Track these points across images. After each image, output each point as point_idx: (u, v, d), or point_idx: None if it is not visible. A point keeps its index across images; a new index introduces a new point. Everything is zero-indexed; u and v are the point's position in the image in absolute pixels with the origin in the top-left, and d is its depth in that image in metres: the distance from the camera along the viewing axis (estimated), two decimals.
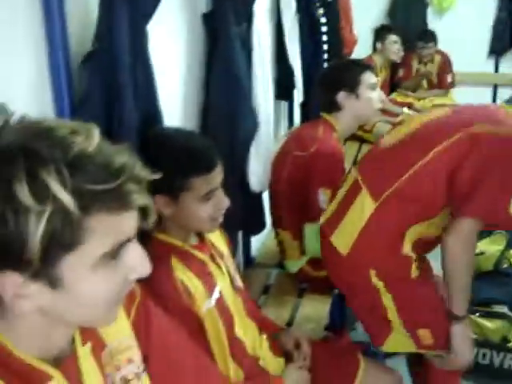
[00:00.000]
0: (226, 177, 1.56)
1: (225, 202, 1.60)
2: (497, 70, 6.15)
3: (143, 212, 0.90)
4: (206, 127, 2.10)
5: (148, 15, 1.57)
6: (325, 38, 3.75)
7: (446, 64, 5.70)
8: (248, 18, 2.31)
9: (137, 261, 0.89)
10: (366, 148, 4.58)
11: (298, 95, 3.42)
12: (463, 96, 5.83)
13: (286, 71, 3.16)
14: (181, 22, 2.11)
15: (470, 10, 5.93)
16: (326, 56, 3.77)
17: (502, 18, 5.89)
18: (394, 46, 4.86)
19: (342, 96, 2.46)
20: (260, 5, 2.73)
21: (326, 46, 3.76)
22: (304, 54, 3.36)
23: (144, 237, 0.92)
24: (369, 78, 2.56)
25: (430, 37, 5.54)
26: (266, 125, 2.41)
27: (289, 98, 3.51)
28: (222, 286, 1.67)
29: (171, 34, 2.03)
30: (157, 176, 0.91)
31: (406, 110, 4.94)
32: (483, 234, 3.48)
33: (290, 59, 3.15)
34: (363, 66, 2.65)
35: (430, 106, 5.45)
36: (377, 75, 4.62)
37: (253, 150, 2.31)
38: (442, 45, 5.68)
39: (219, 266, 1.71)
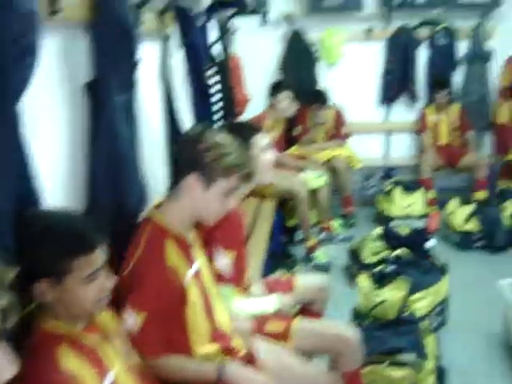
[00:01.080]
0: (116, 254, 1.52)
1: (109, 283, 1.57)
2: (387, 117, 6.36)
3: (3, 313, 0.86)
4: (91, 203, 2.02)
5: (19, 92, 1.51)
6: (217, 97, 3.77)
7: (339, 117, 5.89)
8: (131, 86, 2.27)
9: None
10: (266, 204, 4.60)
11: None
12: (359, 144, 6.06)
13: (177, 134, 3.13)
14: (61, 94, 2.04)
15: (358, 62, 6.15)
16: (219, 116, 3.78)
17: (389, 69, 6.14)
18: (284, 102, 4.96)
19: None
20: (148, 69, 2.72)
21: (218, 106, 3.78)
22: (196, 115, 3.36)
23: (25, 328, 0.89)
24: (260, 140, 2.57)
25: (323, 98, 5.71)
26: (155, 191, 2.37)
27: None
28: (118, 368, 1.62)
29: (50, 108, 1.96)
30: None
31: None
32: (385, 279, 3.54)
33: (181, 123, 3.13)
34: (254, 129, 2.65)
35: (330, 156, 5.60)
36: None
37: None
38: (335, 96, 5.87)
39: (114, 346, 1.68)
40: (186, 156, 2.00)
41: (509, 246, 5.09)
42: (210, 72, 3.66)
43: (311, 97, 5.73)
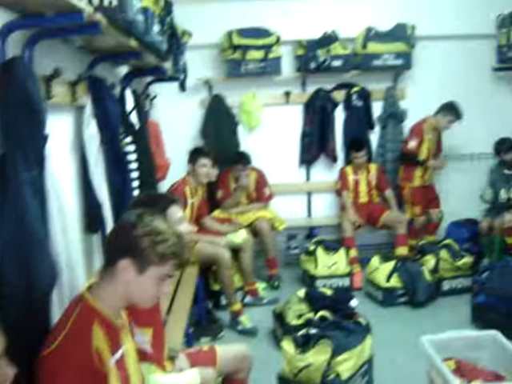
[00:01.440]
0: (27, 330, 1.46)
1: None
2: (308, 178, 6.47)
3: None
4: None
5: None
6: (134, 165, 3.74)
7: (261, 179, 5.95)
8: (41, 161, 2.23)
9: None
10: (189, 269, 4.56)
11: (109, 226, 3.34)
12: (282, 205, 6.12)
13: (93, 205, 3.09)
14: None
15: (277, 125, 6.30)
16: (137, 183, 3.75)
17: (308, 131, 6.28)
18: (203, 168, 4.96)
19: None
20: (60, 142, 2.68)
21: (136, 174, 3.75)
22: (113, 184, 3.31)
23: None
24: (175, 212, 2.57)
25: (246, 160, 5.77)
26: (69, 268, 2.31)
27: (99, 231, 3.40)
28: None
29: None
30: None
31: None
32: (309, 343, 3.52)
33: (96, 192, 3.09)
34: (169, 200, 2.65)
35: (253, 218, 5.62)
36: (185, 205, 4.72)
37: (55, 297, 2.19)
38: (256, 159, 5.94)
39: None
40: (122, 240, 1.99)
41: (430, 301, 5.19)
42: (126, 140, 3.64)
43: (233, 159, 5.78)
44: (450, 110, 5.90)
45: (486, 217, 5.95)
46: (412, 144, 5.98)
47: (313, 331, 3.62)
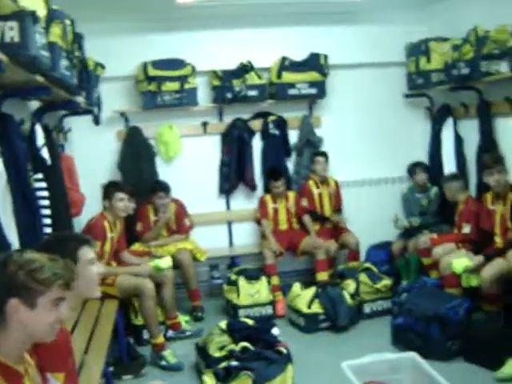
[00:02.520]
0: None
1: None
2: (228, 207, 6.48)
3: None
4: None
5: None
6: (46, 202, 3.66)
7: (181, 210, 5.91)
8: None
9: None
10: (108, 304, 4.47)
11: None
12: (203, 235, 6.10)
13: (2, 245, 2.99)
14: None
15: (196, 155, 6.29)
16: (49, 220, 3.66)
17: (226, 161, 6.30)
18: (120, 203, 4.88)
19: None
20: None
21: (48, 211, 3.66)
22: (22, 223, 3.22)
23: None
24: (86, 253, 2.51)
25: (165, 187, 5.73)
26: None
27: None
28: None
29: None
30: None
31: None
32: (230, 376, 3.50)
33: (4, 232, 2.99)
34: (80, 240, 2.58)
35: (174, 250, 5.57)
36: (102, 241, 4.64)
37: None
38: (175, 190, 5.90)
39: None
40: None
41: (353, 324, 5.25)
42: (36, 177, 3.56)
43: (152, 189, 5.73)
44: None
45: (398, 239, 6.09)
46: (304, 203, 6.18)
47: (234, 363, 3.60)
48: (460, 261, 4.78)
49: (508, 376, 4.06)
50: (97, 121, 5.42)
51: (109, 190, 4.95)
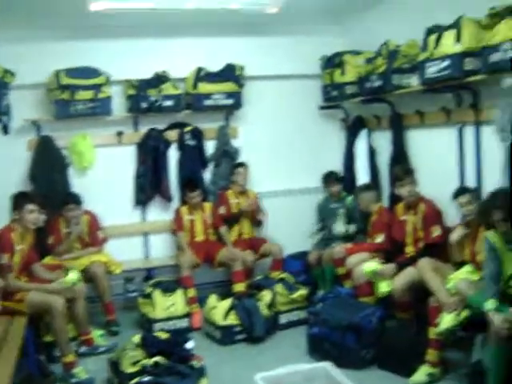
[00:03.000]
0: None
1: None
2: (144, 219, 6.38)
3: None
4: None
5: None
6: None
7: (94, 222, 5.77)
8: None
9: None
10: (16, 321, 4.30)
11: None
12: (118, 248, 5.97)
13: None
14: None
15: (110, 166, 6.15)
16: None
17: (142, 171, 6.21)
18: (30, 215, 4.70)
19: None
20: None
21: None
22: None
23: None
24: None
25: (77, 199, 5.59)
26: None
27: None
28: None
29: None
30: None
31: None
32: None
33: None
34: None
35: (87, 263, 5.42)
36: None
37: None
38: (89, 201, 5.78)
39: None
40: None
41: (269, 335, 5.25)
42: None
43: (63, 201, 5.57)
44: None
45: (314, 249, 6.16)
46: (221, 211, 6.23)
47: (146, 379, 3.52)
48: (369, 264, 4.92)
49: (420, 382, 4.16)
50: (5, 130, 5.23)
51: (18, 201, 4.75)
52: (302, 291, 5.58)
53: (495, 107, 4.34)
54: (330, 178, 6.25)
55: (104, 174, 6.13)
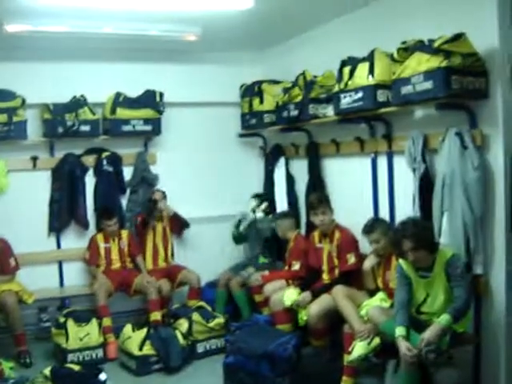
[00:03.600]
0: None
1: None
2: (59, 246, 6.22)
3: None
4: None
5: None
6: None
7: (6, 249, 5.57)
8: None
9: None
10: None
11: None
12: (32, 276, 5.79)
13: None
14: None
15: (25, 191, 5.97)
16: None
17: (57, 197, 6.06)
18: None
19: None
20: None
21: None
22: None
23: None
24: None
25: None
26: None
27: None
28: None
29: None
30: None
31: None
32: None
33: None
34: None
35: None
36: None
37: None
38: (1, 228, 5.60)
39: None
40: None
41: (185, 365, 5.18)
42: None
43: None
44: None
45: (227, 271, 6.14)
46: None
47: None
48: (290, 293, 4.95)
49: None
50: None
51: None
52: (220, 319, 5.54)
53: (407, 138, 4.46)
54: (256, 199, 6.29)
55: (18, 199, 5.94)
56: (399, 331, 3.71)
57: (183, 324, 5.36)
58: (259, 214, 6.22)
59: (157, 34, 5.40)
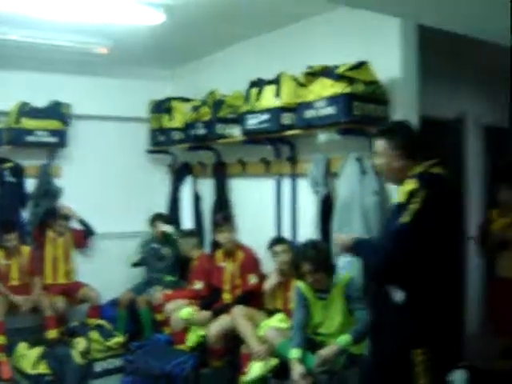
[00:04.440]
0: None
1: None
2: None
3: None
4: None
5: None
6: None
7: None
8: None
9: None
10: None
11: None
12: None
13: None
14: None
15: None
16: None
17: None
18: None
19: None
20: None
21: None
22: None
23: None
24: None
25: None
26: None
27: None
28: None
29: None
30: None
31: None
32: None
33: None
34: None
35: None
36: None
37: None
38: None
39: None
40: None
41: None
42: None
43: None
44: None
45: (129, 290, 6.02)
46: None
47: None
48: (185, 309, 4.98)
49: None
50: None
51: None
52: (119, 338, 5.43)
53: (310, 161, 4.54)
54: (156, 218, 6.19)
55: None
56: (294, 353, 3.74)
57: (81, 342, 5.22)
58: (163, 230, 6.14)
59: (66, 44, 5.28)
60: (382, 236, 3.05)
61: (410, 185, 2.75)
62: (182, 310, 4.98)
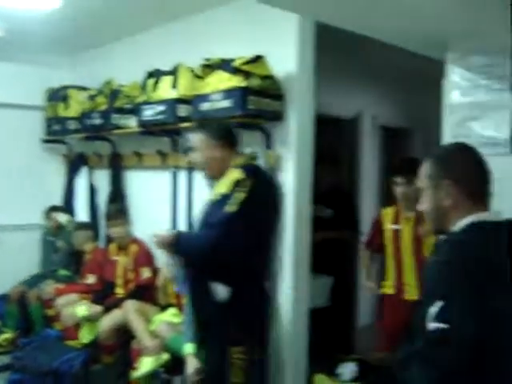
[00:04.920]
0: None
1: None
2: None
3: None
4: None
5: None
6: None
7: None
8: None
9: None
10: None
11: None
12: None
13: None
14: None
15: None
16: None
17: None
18: None
19: None
20: None
21: None
22: None
23: None
24: None
25: None
26: None
27: None
28: None
29: None
30: None
31: None
32: None
33: None
34: None
35: None
36: None
37: None
38: None
39: None
40: None
41: None
42: None
43: None
44: None
45: (20, 284, 5.80)
46: None
47: None
48: (81, 308, 4.80)
49: None
50: None
51: None
52: (7, 335, 5.23)
53: None
54: (51, 210, 5.99)
55: None
56: (189, 348, 3.68)
57: None
58: (58, 223, 5.94)
59: None
60: (203, 227, 2.98)
61: (235, 174, 2.83)
62: (78, 308, 4.81)
